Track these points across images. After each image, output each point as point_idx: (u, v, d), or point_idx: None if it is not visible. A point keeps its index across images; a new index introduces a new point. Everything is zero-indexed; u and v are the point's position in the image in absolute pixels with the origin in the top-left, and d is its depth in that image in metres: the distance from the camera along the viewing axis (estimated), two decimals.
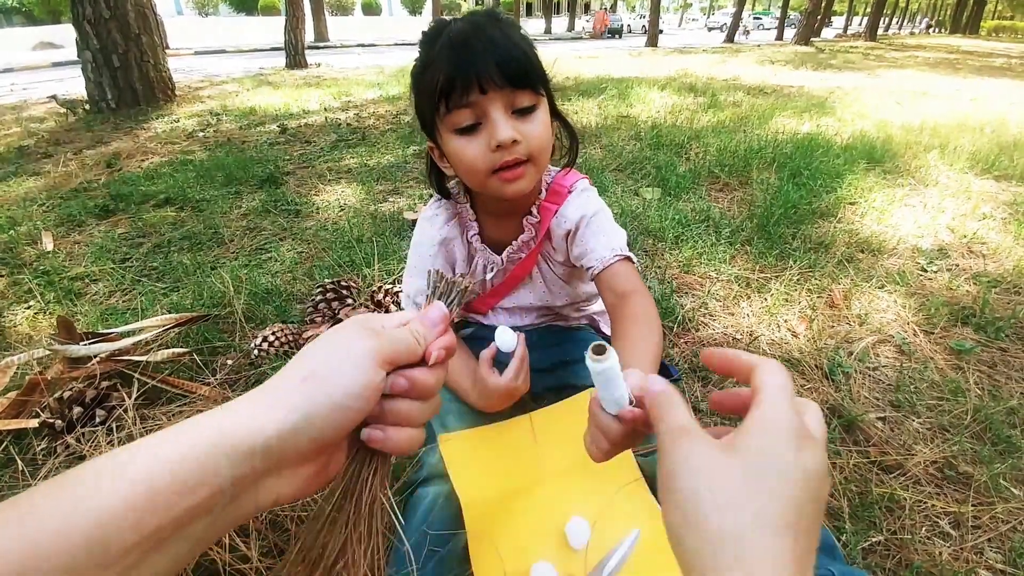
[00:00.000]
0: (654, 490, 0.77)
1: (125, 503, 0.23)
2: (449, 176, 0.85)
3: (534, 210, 0.85)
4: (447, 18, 0.73)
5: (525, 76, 0.68)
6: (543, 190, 0.86)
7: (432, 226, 0.89)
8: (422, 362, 0.36)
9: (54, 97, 4.51)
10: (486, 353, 0.78)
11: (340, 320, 1.22)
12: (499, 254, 0.90)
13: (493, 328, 0.74)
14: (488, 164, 0.69)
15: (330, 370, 0.31)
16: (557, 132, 0.83)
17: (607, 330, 1.06)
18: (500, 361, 0.80)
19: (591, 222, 0.84)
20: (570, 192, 0.86)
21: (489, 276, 0.92)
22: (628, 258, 0.82)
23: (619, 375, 0.34)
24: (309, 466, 0.31)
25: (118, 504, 0.23)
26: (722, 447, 0.27)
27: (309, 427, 0.29)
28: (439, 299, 0.40)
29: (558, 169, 0.89)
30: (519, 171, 0.71)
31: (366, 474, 0.34)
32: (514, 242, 0.88)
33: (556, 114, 0.80)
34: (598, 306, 1.07)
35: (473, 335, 1.05)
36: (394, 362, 0.34)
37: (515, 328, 0.85)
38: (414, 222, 0.95)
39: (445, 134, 0.71)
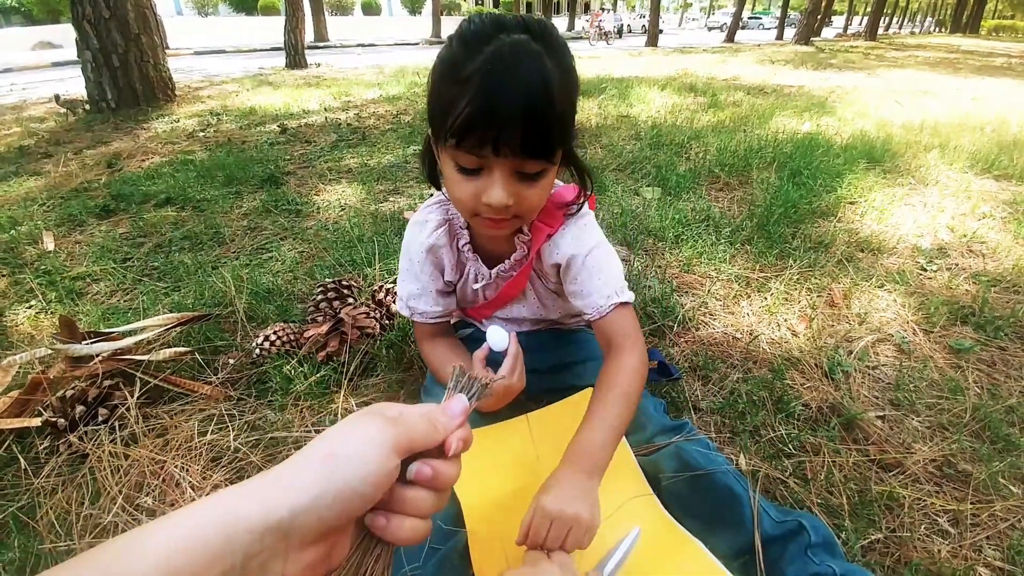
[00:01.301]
0: (656, 492, 0.77)
1: None
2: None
3: (525, 228, 0.82)
4: (494, 22, 0.62)
5: (543, 148, 0.63)
6: None
7: (422, 232, 0.86)
8: (439, 452, 0.36)
9: (57, 97, 4.50)
10: (479, 353, 0.78)
11: (341, 319, 1.22)
12: (490, 267, 0.87)
13: None
14: (475, 206, 0.67)
15: (348, 452, 0.31)
16: (570, 173, 0.78)
17: None
18: (494, 360, 0.80)
19: (586, 262, 0.80)
20: (566, 216, 0.82)
21: (478, 287, 0.90)
22: (624, 303, 0.79)
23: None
24: (313, 550, 0.31)
25: None
26: None
27: (320, 507, 0.29)
28: (460, 392, 0.41)
29: (560, 184, 0.83)
30: (502, 224, 0.71)
31: (368, 562, 0.34)
32: (506, 261, 0.86)
33: (572, 160, 0.74)
34: None
35: (471, 336, 1.05)
36: (410, 450, 0.34)
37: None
38: None
39: (446, 156, 0.67)
